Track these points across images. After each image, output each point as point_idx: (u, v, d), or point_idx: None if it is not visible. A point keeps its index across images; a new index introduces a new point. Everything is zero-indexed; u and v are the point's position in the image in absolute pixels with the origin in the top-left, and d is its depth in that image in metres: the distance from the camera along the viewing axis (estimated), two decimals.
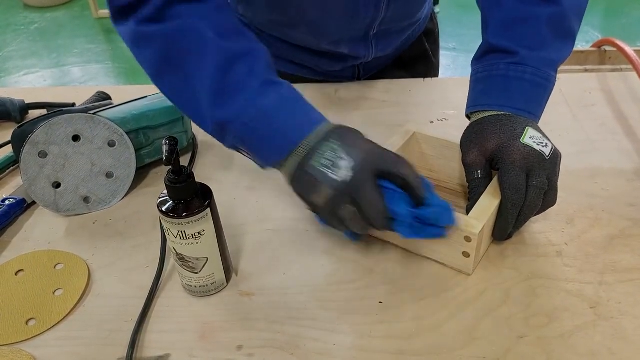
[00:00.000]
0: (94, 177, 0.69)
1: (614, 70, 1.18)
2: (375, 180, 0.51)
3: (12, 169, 0.78)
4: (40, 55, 3.40)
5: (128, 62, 3.24)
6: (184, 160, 0.78)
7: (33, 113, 0.90)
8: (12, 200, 0.69)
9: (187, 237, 0.52)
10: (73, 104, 0.89)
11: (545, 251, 0.60)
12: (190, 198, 0.52)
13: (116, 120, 0.70)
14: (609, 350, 0.50)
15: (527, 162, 0.56)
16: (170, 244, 0.54)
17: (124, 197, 0.71)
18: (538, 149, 0.56)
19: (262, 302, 0.56)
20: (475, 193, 0.59)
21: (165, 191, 0.52)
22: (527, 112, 0.60)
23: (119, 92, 0.91)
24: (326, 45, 0.85)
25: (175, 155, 0.49)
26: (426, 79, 0.95)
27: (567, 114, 0.84)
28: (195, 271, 0.55)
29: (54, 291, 0.58)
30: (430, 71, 1.02)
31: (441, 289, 0.57)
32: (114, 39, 3.57)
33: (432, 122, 0.84)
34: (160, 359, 0.51)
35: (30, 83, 3.09)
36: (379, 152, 0.53)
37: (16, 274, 0.61)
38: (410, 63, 0.99)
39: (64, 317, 0.56)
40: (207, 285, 0.57)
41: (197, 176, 0.53)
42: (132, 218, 0.68)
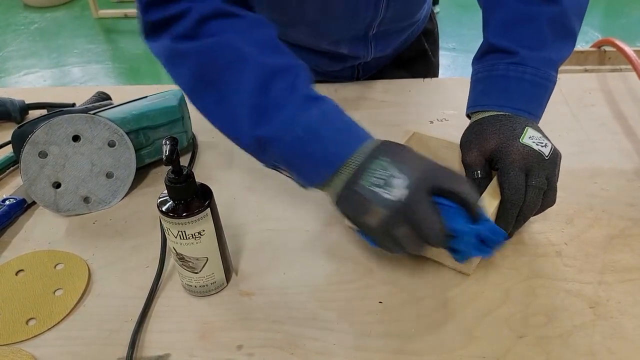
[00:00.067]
0: (94, 177, 0.69)
1: (613, 71, 1.18)
2: (430, 197, 0.49)
3: (12, 169, 0.78)
4: (40, 55, 3.40)
5: (128, 62, 3.24)
6: (184, 160, 0.78)
7: (33, 113, 0.90)
8: (12, 200, 0.69)
9: (187, 237, 0.52)
10: (73, 104, 0.89)
11: (544, 251, 0.61)
12: (190, 198, 0.52)
13: (116, 121, 0.70)
14: (608, 350, 0.50)
15: (526, 162, 0.56)
16: (170, 244, 0.54)
17: (124, 197, 0.71)
18: (537, 149, 0.56)
19: (262, 302, 0.57)
20: None
21: (165, 191, 0.52)
22: (527, 112, 0.60)
23: (119, 92, 0.91)
24: (326, 45, 0.85)
25: (175, 155, 0.49)
26: (426, 79, 0.95)
27: (567, 114, 0.84)
28: (195, 271, 0.55)
29: (54, 291, 0.59)
30: (430, 71, 1.02)
31: (441, 288, 0.57)
32: (114, 39, 3.57)
33: (431, 122, 0.84)
34: (160, 358, 0.51)
35: (30, 83, 3.09)
36: (432, 167, 0.51)
37: (16, 274, 0.61)
38: (410, 63, 0.99)
39: (64, 317, 0.56)
40: (207, 285, 0.57)
41: (197, 176, 0.53)
42: (132, 218, 0.68)
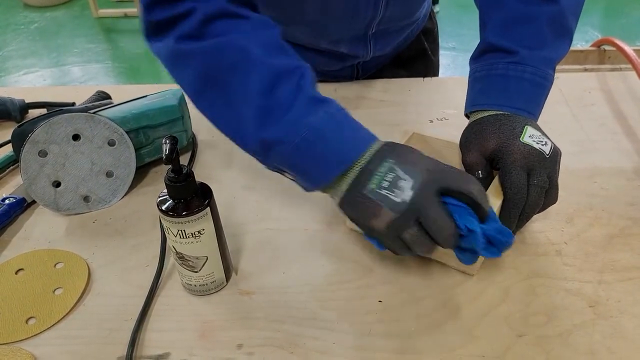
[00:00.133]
0: (94, 176, 0.69)
1: (613, 70, 1.18)
2: (439, 198, 0.48)
3: (12, 168, 0.78)
4: (40, 55, 3.40)
5: (128, 62, 3.24)
6: (183, 160, 0.78)
7: (33, 112, 0.90)
8: (12, 199, 0.69)
9: (187, 236, 0.52)
10: (73, 104, 0.89)
11: (544, 250, 0.61)
12: (190, 197, 0.52)
13: (116, 120, 0.70)
14: (608, 349, 0.50)
15: (527, 161, 0.56)
16: (170, 243, 0.54)
17: (123, 196, 0.71)
18: (538, 147, 0.56)
19: (262, 301, 0.57)
20: None
21: (165, 190, 0.52)
22: (526, 111, 0.60)
23: (119, 91, 0.91)
24: (325, 45, 0.85)
25: (175, 154, 0.49)
26: (425, 78, 0.95)
27: (566, 114, 0.84)
28: (195, 270, 0.55)
29: (54, 290, 0.59)
30: (430, 70, 1.02)
31: (440, 288, 0.57)
32: (113, 38, 3.57)
33: (431, 121, 0.84)
34: (160, 357, 0.51)
35: (30, 82, 3.09)
36: (440, 168, 0.51)
37: (16, 273, 0.61)
38: (409, 62, 0.99)
39: (64, 315, 0.56)
40: (206, 284, 0.57)
41: (197, 175, 0.53)
42: (132, 217, 0.68)
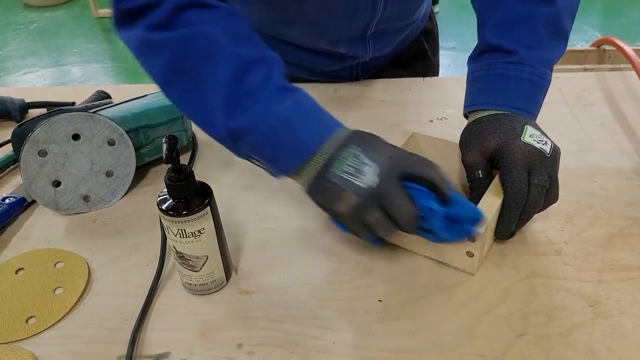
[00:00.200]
0: (94, 175, 0.69)
1: (613, 70, 1.18)
2: (401, 183, 0.51)
3: (12, 167, 0.78)
4: (40, 55, 3.40)
5: (127, 62, 3.24)
6: (183, 159, 0.78)
7: (33, 112, 0.90)
8: (12, 199, 0.69)
9: (187, 235, 0.52)
10: (73, 103, 0.89)
11: (544, 250, 0.61)
12: (190, 196, 0.52)
13: (116, 119, 0.70)
14: (608, 349, 0.50)
15: (528, 160, 0.56)
16: (170, 243, 0.54)
17: (123, 196, 0.71)
18: (539, 147, 0.57)
19: (262, 301, 0.57)
20: (477, 193, 0.59)
21: (165, 190, 0.52)
22: (526, 111, 0.61)
23: (119, 91, 0.92)
24: (324, 45, 0.85)
25: (175, 154, 0.49)
26: (425, 78, 0.95)
27: (566, 113, 0.84)
28: (195, 269, 0.55)
29: (54, 289, 0.59)
30: (430, 70, 1.02)
31: (440, 287, 0.57)
32: (113, 38, 3.57)
33: (431, 121, 0.84)
34: (160, 357, 0.51)
35: (30, 82, 3.09)
36: (402, 155, 0.53)
37: (16, 273, 0.61)
38: (409, 63, 0.99)
39: (64, 315, 0.56)
40: (207, 284, 0.57)
41: (197, 175, 0.53)
42: (132, 217, 0.68)
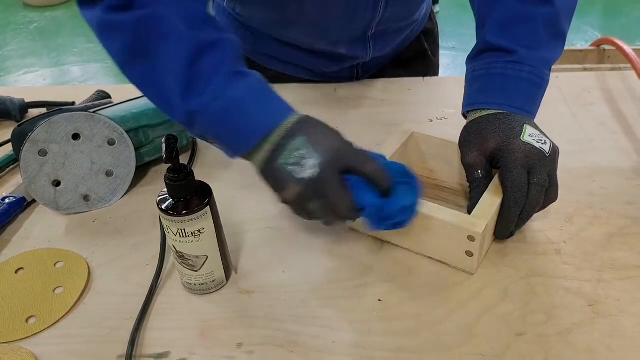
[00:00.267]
0: (94, 175, 0.69)
1: (612, 69, 1.18)
2: (340, 175, 0.53)
3: (12, 167, 0.78)
4: (40, 55, 3.39)
5: None
6: (183, 159, 0.78)
7: (33, 112, 0.90)
8: (12, 198, 0.69)
9: (187, 235, 0.52)
10: (73, 103, 0.89)
11: (544, 249, 0.61)
12: (190, 196, 0.52)
13: (116, 119, 0.70)
14: (607, 348, 0.50)
15: (528, 160, 0.56)
16: (170, 242, 0.54)
17: (123, 196, 0.71)
18: (538, 146, 0.57)
19: (262, 300, 0.57)
20: (476, 192, 0.60)
21: (165, 189, 0.52)
22: (525, 110, 0.61)
23: (119, 91, 0.91)
24: (324, 46, 0.85)
25: (175, 154, 0.49)
26: (425, 78, 0.95)
27: (566, 113, 0.84)
28: (195, 269, 0.55)
29: (54, 289, 0.59)
30: (430, 70, 1.02)
31: (440, 286, 0.57)
32: None
33: (431, 120, 0.84)
34: (160, 356, 0.51)
35: (30, 82, 3.09)
36: (343, 148, 0.54)
37: (16, 272, 0.61)
38: (409, 63, 0.98)
39: (64, 314, 0.56)
40: (206, 283, 0.57)
41: (196, 174, 0.53)
42: (132, 216, 0.69)
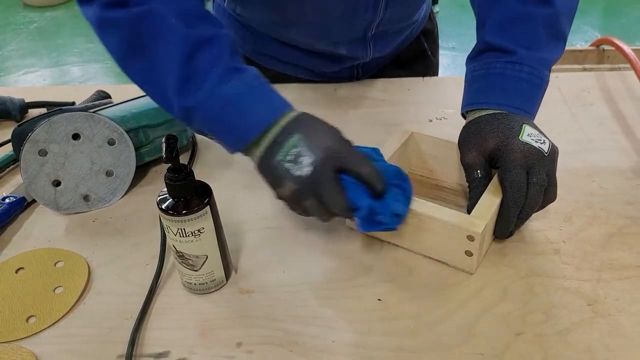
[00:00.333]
0: (94, 175, 0.69)
1: (612, 70, 1.18)
2: (335, 174, 0.53)
3: (12, 167, 0.78)
4: (40, 55, 3.39)
5: None
6: (183, 159, 0.78)
7: (33, 112, 0.90)
8: (12, 198, 0.69)
9: (187, 234, 0.52)
10: (73, 103, 0.89)
11: (543, 249, 0.61)
12: (189, 196, 0.52)
13: (116, 119, 0.70)
14: (606, 347, 0.50)
15: (527, 159, 0.56)
16: (170, 242, 0.55)
17: (123, 196, 0.72)
18: (537, 146, 0.57)
19: (262, 300, 0.57)
20: (475, 192, 0.60)
21: (165, 189, 0.52)
22: (524, 110, 0.61)
23: (119, 91, 0.92)
24: (324, 46, 0.85)
25: (175, 153, 0.49)
26: (425, 78, 0.95)
27: (565, 113, 0.84)
28: (195, 269, 0.55)
29: (54, 289, 0.59)
30: (430, 70, 1.02)
31: (439, 286, 0.57)
32: None
33: (431, 120, 0.84)
34: (160, 356, 0.52)
35: (30, 82, 3.09)
36: (338, 148, 0.54)
37: (16, 272, 0.61)
38: (409, 63, 0.99)
39: (64, 314, 0.56)
40: (206, 283, 0.57)
41: (196, 174, 0.53)
42: (132, 216, 0.69)
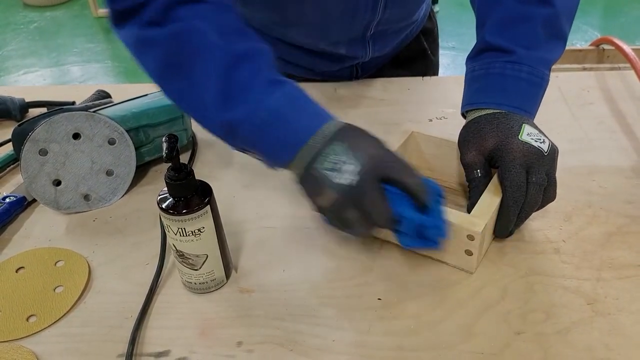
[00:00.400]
0: (94, 174, 0.69)
1: (612, 69, 1.18)
2: (379, 184, 0.51)
3: (12, 167, 0.78)
4: (40, 55, 3.40)
5: (127, 61, 3.24)
6: (183, 158, 0.78)
7: (33, 111, 0.90)
8: (12, 198, 0.69)
9: (187, 234, 0.53)
10: (73, 103, 0.90)
11: (543, 248, 0.61)
12: (190, 195, 0.52)
13: (116, 118, 0.70)
14: (606, 346, 0.50)
15: (526, 159, 0.56)
16: (170, 241, 0.55)
17: (124, 195, 0.72)
18: (536, 145, 0.57)
19: (262, 299, 0.57)
20: (475, 192, 0.60)
21: (165, 188, 0.53)
22: (523, 110, 0.61)
23: (119, 90, 0.92)
24: (324, 46, 0.85)
25: (175, 153, 0.49)
26: (425, 77, 0.95)
27: (565, 112, 0.84)
28: (195, 268, 0.55)
29: (55, 288, 0.59)
30: (429, 70, 1.02)
31: (439, 285, 0.57)
32: (113, 38, 3.56)
33: (430, 120, 0.84)
34: (160, 355, 0.52)
35: (30, 82, 3.09)
36: (384, 156, 0.53)
37: (17, 271, 0.61)
38: (409, 62, 0.99)
39: (65, 313, 0.56)
40: (206, 282, 0.57)
41: (197, 174, 0.53)
42: (132, 215, 0.69)
